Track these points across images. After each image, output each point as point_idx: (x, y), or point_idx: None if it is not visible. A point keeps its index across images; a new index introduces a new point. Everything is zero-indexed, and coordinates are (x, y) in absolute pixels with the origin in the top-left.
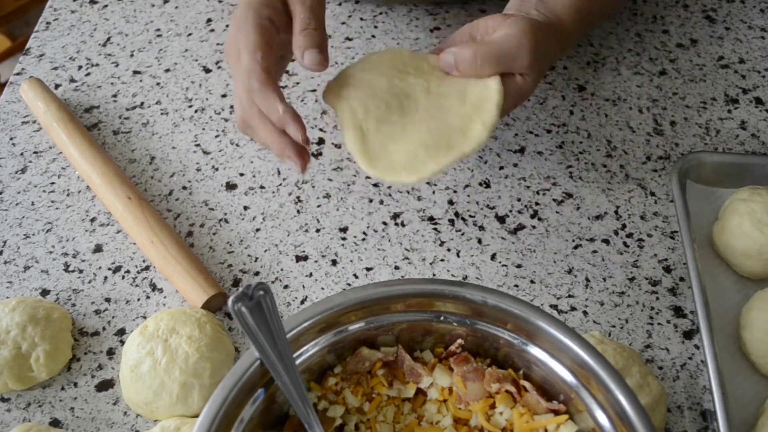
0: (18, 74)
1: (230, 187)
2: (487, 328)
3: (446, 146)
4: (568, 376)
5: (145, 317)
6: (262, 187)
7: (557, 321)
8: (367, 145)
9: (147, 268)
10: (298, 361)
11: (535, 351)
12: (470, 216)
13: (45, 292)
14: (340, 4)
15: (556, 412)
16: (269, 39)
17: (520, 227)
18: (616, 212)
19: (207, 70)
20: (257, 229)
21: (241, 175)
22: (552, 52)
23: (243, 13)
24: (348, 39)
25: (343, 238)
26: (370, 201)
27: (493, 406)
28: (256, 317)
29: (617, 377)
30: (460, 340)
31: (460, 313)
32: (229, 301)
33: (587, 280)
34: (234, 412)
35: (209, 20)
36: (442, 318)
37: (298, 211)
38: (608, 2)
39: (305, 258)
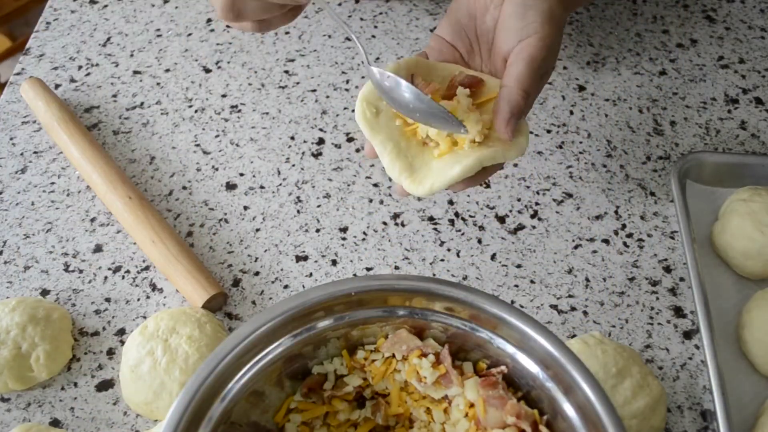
0: (18, 74)
1: (230, 187)
2: (528, 366)
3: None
4: None
5: (145, 317)
6: (262, 187)
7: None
8: (414, 171)
9: (147, 268)
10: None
11: (566, 407)
12: (470, 216)
13: (45, 292)
14: (340, 4)
15: None
16: None
17: (520, 227)
18: (616, 212)
19: (207, 70)
20: (257, 229)
21: (241, 175)
22: (561, 13)
23: None
24: (348, 39)
25: (343, 238)
26: (370, 201)
27: None
28: None
29: None
30: (504, 367)
31: (507, 339)
32: None
33: (587, 280)
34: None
35: (209, 20)
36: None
37: (298, 211)
38: None
39: (305, 258)
